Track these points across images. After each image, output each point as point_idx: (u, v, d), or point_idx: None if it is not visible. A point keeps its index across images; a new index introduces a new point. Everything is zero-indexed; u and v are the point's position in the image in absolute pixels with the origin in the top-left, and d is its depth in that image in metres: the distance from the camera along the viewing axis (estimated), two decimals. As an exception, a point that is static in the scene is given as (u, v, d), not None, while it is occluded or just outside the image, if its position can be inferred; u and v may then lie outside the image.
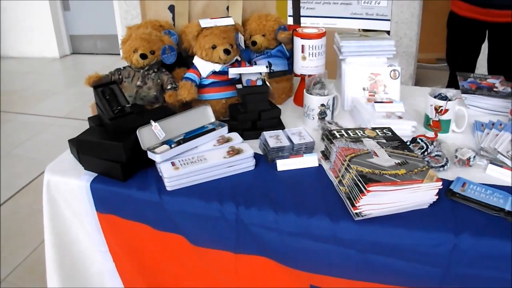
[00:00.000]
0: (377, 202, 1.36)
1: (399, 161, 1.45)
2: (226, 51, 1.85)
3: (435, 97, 1.84)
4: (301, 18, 4.15)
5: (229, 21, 1.92)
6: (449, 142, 1.77)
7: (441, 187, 1.41)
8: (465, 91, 2.10)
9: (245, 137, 1.76)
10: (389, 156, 1.48)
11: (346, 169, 1.44)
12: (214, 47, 1.86)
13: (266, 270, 1.55)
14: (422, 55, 4.82)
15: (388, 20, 4.38)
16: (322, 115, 1.83)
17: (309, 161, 1.62)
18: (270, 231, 1.46)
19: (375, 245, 1.40)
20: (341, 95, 2.03)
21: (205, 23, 1.90)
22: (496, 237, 1.35)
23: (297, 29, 2.01)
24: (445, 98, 1.83)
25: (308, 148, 1.67)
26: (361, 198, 1.34)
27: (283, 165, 1.61)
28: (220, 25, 1.90)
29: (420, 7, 4.35)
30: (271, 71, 2.11)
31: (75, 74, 5.93)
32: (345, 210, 1.41)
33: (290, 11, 3.78)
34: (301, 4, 4.13)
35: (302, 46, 1.97)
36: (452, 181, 1.54)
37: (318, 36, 1.97)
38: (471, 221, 1.39)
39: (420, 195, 1.40)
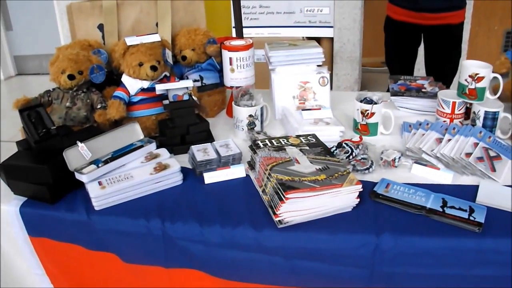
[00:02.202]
0: (297, 208, 1.38)
1: (320, 167, 1.47)
2: (153, 68, 1.85)
3: (361, 101, 1.87)
4: (246, 29, 4.19)
5: (156, 38, 1.93)
6: (378, 145, 1.80)
7: (361, 189, 1.43)
8: (394, 94, 2.15)
9: (175, 152, 1.77)
10: (311, 163, 1.50)
11: (267, 178, 1.46)
12: (141, 64, 1.86)
13: (199, 282, 1.55)
14: (367, 60, 4.89)
15: (331, 27, 4.45)
16: (251, 125, 1.85)
17: (237, 172, 1.63)
18: (196, 243, 1.47)
19: (300, 251, 1.41)
20: (272, 105, 2.04)
21: (131, 40, 1.90)
22: (417, 235, 1.38)
23: (224, 42, 2.02)
24: (370, 101, 1.86)
25: (236, 160, 1.68)
26: (281, 206, 1.35)
27: (210, 177, 1.62)
28: (146, 42, 1.90)
29: (362, 13, 4.43)
30: (203, 84, 2.12)
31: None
32: (269, 219, 1.43)
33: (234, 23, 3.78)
34: (244, 15, 4.18)
35: (230, 58, 1.99)
36: (377, 183, 1.56)
37: (245, 48, 1.99)
38: (393, 221, 1.42)
39: (340, 199, 1.42)
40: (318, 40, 4.55)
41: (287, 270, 1.45)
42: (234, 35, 3.62)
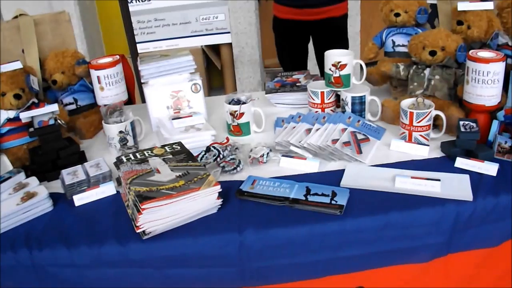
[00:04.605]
0: (157, 218, 1.39)
1: (180, 173, 1.49)
2: (17, 96, 1.82)
3: (229, 103, 1.89)
4: (143, 44, 4.20)
5: (16, 65, 1.89)
6: (252, 143, 1.82)
7: (220, 190, 1.46)
8: (269, 91, 2.19)
9: (48, 178, 1.75)
10: (172, 171, 1.51)
11: (128, 191, 1.46)
12: (3, 94, 1.83)
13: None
14: (270, 61, 4.94)
15: (228, 32, 4.47)
16: (122, 141, 1.84)
17: (106, 190, 1.63)
18: (66, 268, 1.45)
19: (168, 259, 1.42)
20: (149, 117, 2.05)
21: (-11, 71, 1.86)
22: (280, 227, 1.42)
23: (91, 61, 2.01)
24: (238, 102, 1.88)
25: (106, 178, 1.67)
26: (139, 217, 1.36)
27: (80, 199, 1.61)
28: (7, 71, 1.86)
29: (257, 16, 4.48)
30: (78, 106, 2.11)
31: None
32: (135, 232, 1.42)
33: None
34: (140, 30, 4.17)
35: (98, 77, 1.98)
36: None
37: (112, 64, 1.99)
38: (256, 217, 1.45)
39: (201, 202, 1.44)
40: (217, 46, 4.59)
41: (159, 281, 1.45)
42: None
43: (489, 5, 2.00)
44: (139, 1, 4.34)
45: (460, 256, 1.57)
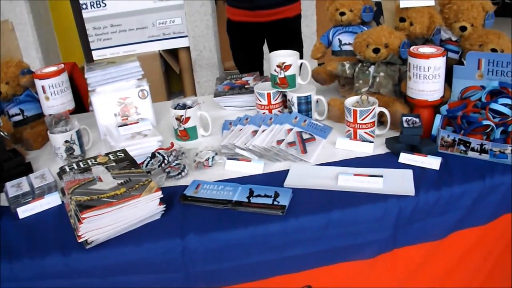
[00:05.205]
0: (98, 226, 1.38)
1: (122, 181, 1.48)
2: (-41, 109, 1.79)
3: (175, 108, 1.89)
4: (100, 50, 4.16)
5: (-42, 77, 1.86)
6: (200, 147, 1.82)
7: (161, 196, 1.45)
8: (217, 94, 2.19)
9: (-8, 192, 1.72)
10: (114, 178, 1.50)
11: (70, 201, 1.44)
12: None
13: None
14: (230, 63, 4.93)
15: (186, 36, 4.46)
16: (69, 151, 1.83)
17: (51, 201, 1.61)
18: (9, 282, 1.42)
19: (113, 267, 1.41)
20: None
21: None
22: (222, 230, 1.42)
23: (36, 71, 1.99)
24: (184, 107, 1.88)
25: (51, 188, 1.65)
26: (80, 226, 1.35)
27: (24, 211, 1.59)
28: None
29: (214, 19, 4.48)
30: (24, 117, 2.08)
31: None
32: (78, 242, 1.41)
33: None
34: (96, 37, 4.13)
35: (43, 86, 1.96)
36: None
37: (56, 73, 1.97)
38: (199, 221, 1.45)
39: (142, 208, 1.43)
40: (175, 50, 4.57)
41: (106, 289, 1.44)
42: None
43: (430, 2, 2.03)
44: (94, 7, 4.30)
45: (406, 251, 1.59)
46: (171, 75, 4.78)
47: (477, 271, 1.74)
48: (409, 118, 1.73)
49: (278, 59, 1.95)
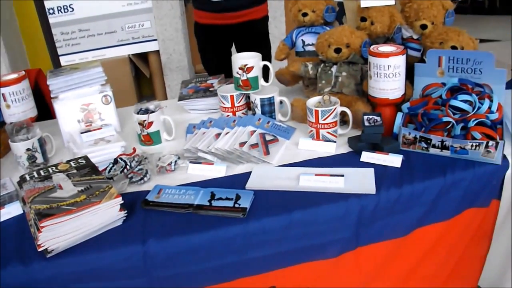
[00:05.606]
0: (59, 234, 1.37)
1: (83, 188, 1.47)
2: None
3: (138, 112, 1.88)
4: (68, 56, 4.13)
5: None
6: (164, 152, 1.82)
7: (122, 202, 1.45)
8: (181, 98, 2.18)
9: (-47, 202, 1.69)
10: (74, 186, 1.49)
11: (30, 210, 1.43)
12: None
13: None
14: (201, 66, 4.91)
15: (155, 39, 4.45)
16: (31, 159, 1.81)
17: (12, 211, 1.59)
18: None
19: (75, 275, 1.40)
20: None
21: None
22: (183, 234, 1.42)
23: (-5, 79, 1.97)
24: (147, 111, 1.88)
25: (12, 198, 1.63)
26: (39, 235, 1.34)
27: (-17, 222, 1.57)
28: None
29: (184, 22, 4.47)
30: (-14, 126, 2.05)
31: None
32: (39, 251, 1.40)
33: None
34: (64, 42, 4.10)
35: (3, 94, 1.94)
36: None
37: (17, 81, 1.96)
38: (160, 226, 1.45)
39: (103, 215, 1.42)
40: (145, 54, 4.55)
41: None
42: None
43: (391, 2, 2.05)
44: (61, 12, 4.26)
45: (370, 249, 1.60)
46: (141, 79, 4.77)
47: (442, 266, 1.76)
48: (370, 116, 1.74)
49: (240, 61, 1.95)
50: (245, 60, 1.94)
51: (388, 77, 1.75)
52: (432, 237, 1.67)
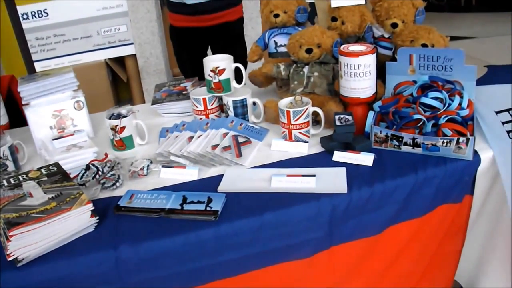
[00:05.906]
0: (29, 243, 1.36)
1: (53, 195, 1.46)
2: None
3: (110, 117, 1.88)
4: (44, 61, 4.10)
5: None
6: (137, 156, 1.81)
7: (93, 208, 1.44)
8: (155, 102, 2.18)
9: None
10: (45, 193, 1.48)
11: (-1, 219, 1.42)
12: None
13: None
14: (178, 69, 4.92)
15: (132, 43, 4.43)
16: (2, 167, 1.79)
17: (-17, 219, 1.57)
18: None
19: (46, 283, 1.39)
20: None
21: None
22: (155, 239, 1.41)
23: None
24: (119, 116, 1.87)
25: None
26: (8, 244, 1.33)
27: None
28: None
29: (160, 25, 4.46)
30: (-43, 134, 2.03)
31: None
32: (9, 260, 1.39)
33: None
34: (39, 47, 4.07)
35: (-27, 102, 1.92)
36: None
37: (-14, 88, 1.93)
38: (132, 231, 1.44)
39: (74, 221, 1.42)
40: (122, 58, 4.53)
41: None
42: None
43: (361, 1, 2.06)
44: (35, 17, 4.23)
45: (344, 248, 1.61)
46: (119, 83, 4.74)
47: (416, 263, 1.78)
48: (342, 116, 1.75)
49: (211, 64, 1.95)
50: (216, 63, 1.94)
51: (358, 76, 1.76)
52: (405, 234, 1.68)
